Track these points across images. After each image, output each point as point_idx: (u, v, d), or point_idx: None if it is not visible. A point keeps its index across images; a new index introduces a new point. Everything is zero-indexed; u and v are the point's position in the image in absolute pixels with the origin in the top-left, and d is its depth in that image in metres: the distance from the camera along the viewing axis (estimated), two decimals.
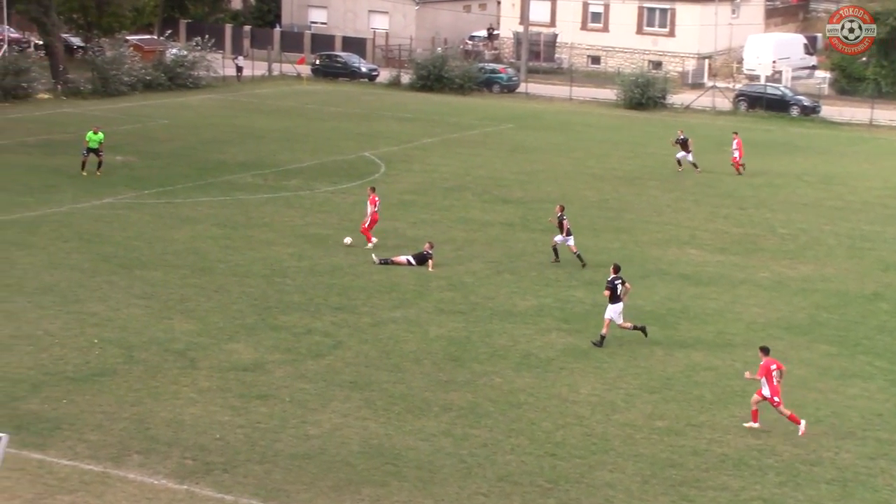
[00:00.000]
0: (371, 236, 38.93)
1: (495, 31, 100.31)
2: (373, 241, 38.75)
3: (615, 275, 30.20)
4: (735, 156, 54.88)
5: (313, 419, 24.97)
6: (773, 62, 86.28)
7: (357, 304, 33.09)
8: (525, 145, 61.82)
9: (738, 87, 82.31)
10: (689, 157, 54.83)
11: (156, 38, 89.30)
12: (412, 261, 37.03)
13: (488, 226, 39.58)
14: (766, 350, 25.66)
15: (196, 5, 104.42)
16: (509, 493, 22.01)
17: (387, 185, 49.69)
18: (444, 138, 63.34)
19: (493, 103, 78.68)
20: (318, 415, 25.22)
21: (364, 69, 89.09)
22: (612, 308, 30.10)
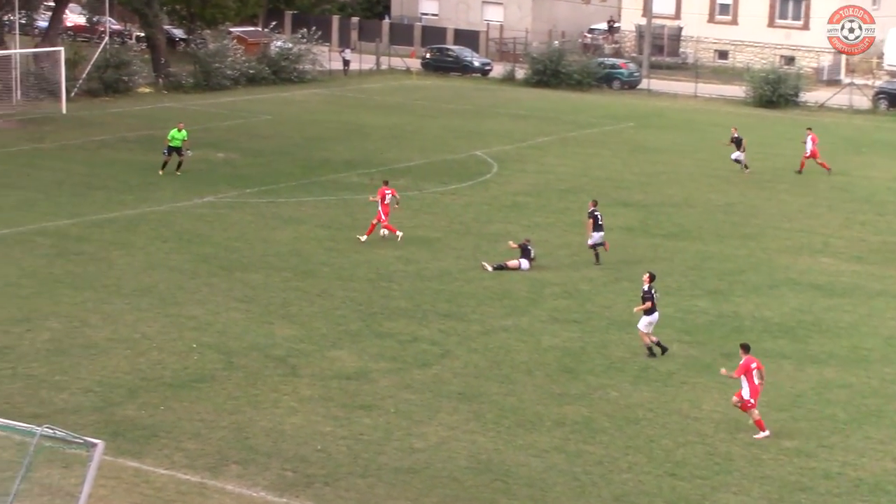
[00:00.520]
0: (395, 228, 39.68)
1: (616, 24, 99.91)
2: (398, 232, 39.61)
3: (650, 283, 29.89)
4: (807, 153, 53.77)
5: (419, 432, 25.05)
6: None
7: (466, 312, 33.15)
8: (646, 145, 61.46)
9: (878, 83, 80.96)
10: (742, 156, 54.01)
11: (260, 30, 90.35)
12: (524, 265, 37.16)
13: (607, 230, 39.30)
14: (746, 347, 25.54)
15: None
16: None
17: (499, 185, 49.80)
18: (561, 137, 63.21)
19: (612, 100, 78.36)
20: (423, 427, 25.30)
21: (477, 63, 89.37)
22: (647, 319, 29.91)
